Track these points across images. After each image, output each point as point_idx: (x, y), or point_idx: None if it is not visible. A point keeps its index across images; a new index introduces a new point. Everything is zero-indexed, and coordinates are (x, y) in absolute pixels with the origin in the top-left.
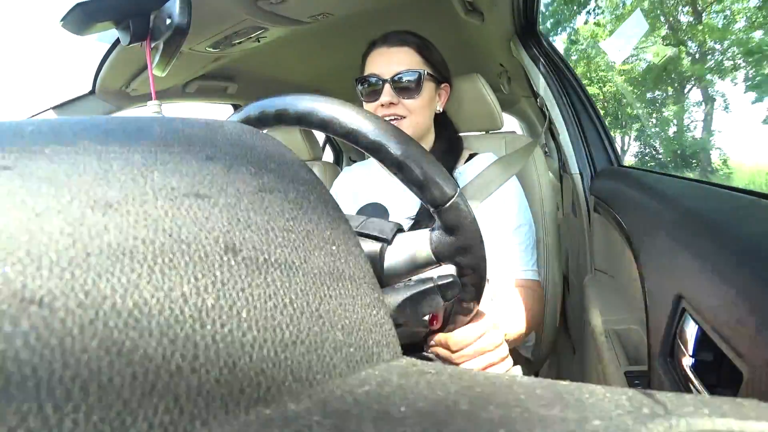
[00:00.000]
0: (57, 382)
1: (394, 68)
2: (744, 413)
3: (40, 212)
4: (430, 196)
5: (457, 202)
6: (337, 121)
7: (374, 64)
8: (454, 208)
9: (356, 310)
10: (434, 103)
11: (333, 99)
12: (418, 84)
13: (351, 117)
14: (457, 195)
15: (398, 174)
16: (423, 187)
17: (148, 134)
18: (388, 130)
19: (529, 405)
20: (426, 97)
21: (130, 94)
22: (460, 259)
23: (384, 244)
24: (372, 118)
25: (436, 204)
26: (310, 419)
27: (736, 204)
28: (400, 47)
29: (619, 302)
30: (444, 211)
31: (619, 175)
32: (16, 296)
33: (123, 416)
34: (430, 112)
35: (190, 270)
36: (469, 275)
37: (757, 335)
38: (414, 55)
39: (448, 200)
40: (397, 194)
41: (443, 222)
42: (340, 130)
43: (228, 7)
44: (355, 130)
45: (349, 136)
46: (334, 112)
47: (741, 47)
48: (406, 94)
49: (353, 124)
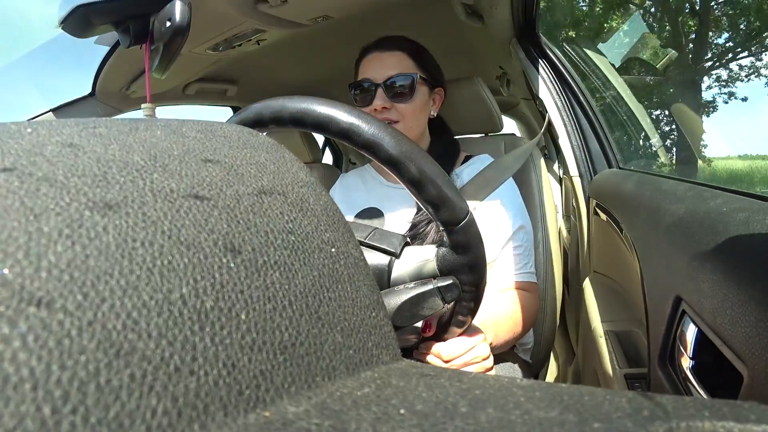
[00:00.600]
0: (55, 383)
1: (387, 72)
2: (744, 416)
3: (39, 213)
4: (443, 216)
5: (469, 224)
6: (356, 132)
7: (367, 69)
8: (465, 230)
9: (355, 312)
10: (428, 108)
11: (355, 108)
12: (411, 88)
13: (372, 129)
14: (469, 217)
15: (413, 191)
16: (437, 207)
17: (147, 136)
18: (409, 147)
19: (528, 407)
20: (419, 101)
21: (130, 96)
22: (463, 277)
23: (393, 258)
24: (393, 133)
25: (447, 224)
26: (310, 421)
27: (736, 206)
28: (393, 52)
29: (619, 304)
30: (455, 231)
31: (619, 177)
32: (15, 297)
33: (121, 418)
34: (423, 117)
35: (189, 272)
36: (469, 291)
37: (757, 337)
38: (406, 60)
39: (460, 221)
40: (393, 200)
41: (452, 242)
42: (360, 141)
43: (228, 9)
44: (376, 143)
45: (368, 149)
46: (354, 121)
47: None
48: (399, 99)
49: (375, 136)
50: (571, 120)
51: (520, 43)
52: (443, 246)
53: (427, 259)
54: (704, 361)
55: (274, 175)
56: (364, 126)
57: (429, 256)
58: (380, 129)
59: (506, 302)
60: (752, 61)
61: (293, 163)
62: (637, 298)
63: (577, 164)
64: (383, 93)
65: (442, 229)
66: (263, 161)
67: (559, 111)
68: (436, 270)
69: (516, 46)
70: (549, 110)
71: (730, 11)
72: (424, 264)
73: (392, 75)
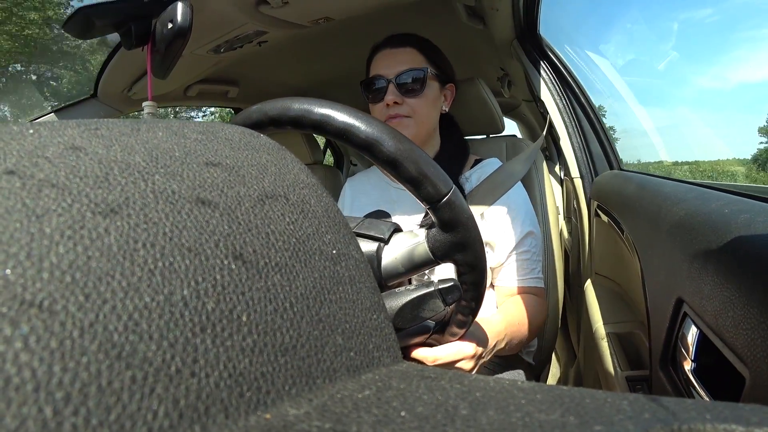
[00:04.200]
0: (56, 385)
1: (398, 68)
2: (746, 418)
3: (41, 215)
4: (425, 193)
5: (452, 199)
6: (329, 121)
7: (378, 65)
8: (450, 205)
9: (356, 314)
10: (439, 103)
11: (325, 100)
12: (422, 83)
13: (343, 116)
14: (452, 191)
15: (392, 172)
16: (417, 184)
17: (149, 137)
18: (381, 128)
19: (529, 410)
20: (430, 96)
21: (131, 97)
22: (457, 257)
23: (381, 244)
24: (363, 117)
25: (431, 201)
26: (310, 423)
27: (738, 208)
28: (404, 48)
29: (620, 306)
30: (439, 207)
31: (620, 179)
32: (17, 299)
33: (122, 420)
34: (435, 112)
35: (190, 274)
36: (468, 273)
37: (759, 339)
38: (417, 55)
39: (443, 197)
40: (400, 201)
41: (439, 219)
42: (332, 130)
43: (229, 11)
44: (347, 129)
45: (341, 135)
46: (325, 112)
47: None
48: (410, 93)
49: (345, 123)
50: (572, 121)
51: (522, 45)
52: (432, 227)
53: (417, 242)
54: (706, 363)
55: (275, 176)
56: (335, 115)
57: (419, 239)
58: (351, 115)
59: (516, 307)
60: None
61: (294, 164)
62: (638, 300)
63: (579, 166)
64: (395, 88)
65: (427, 207)
66: (264, 163)
67: (560, 112)
68: (428, 253)
69: (517, 48)
70: (550, 111)
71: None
72: (414, 247)
73: (403, 70)
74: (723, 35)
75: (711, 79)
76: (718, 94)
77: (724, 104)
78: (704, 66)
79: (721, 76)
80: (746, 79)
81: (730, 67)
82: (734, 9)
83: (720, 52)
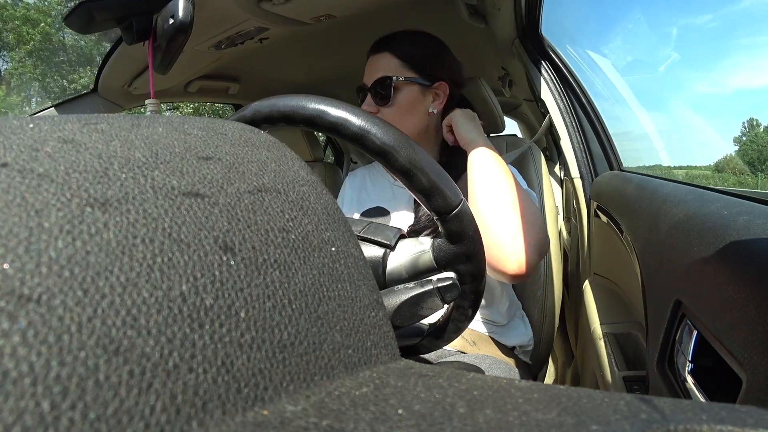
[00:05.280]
0: (54, 379)
1: (373, 76)
2: (742, 420)
3: (40, 209)
4: (435, 204)
5: (461, 212)
6: (345, 124)
7: (364, 72)
8: (459, 218)
9: (355, 311)
10: (421, 107)
11: (344, 103)
12: (388, 91)
13: (359, 121)
14: (462, 204)
15: (404, 181)
16: (428, 196)
17: (149, 133)
18: (397, 136)
19: (526, 409)
20: (404, 102)
21: (132, 93)
22: (460, 267)
23: (387, 250)
24: (380, 124)
25: (440, 213)
26: (308, 420)
27: (737, 210)
28: (381, 54)
29: (619, 306)
30: (448, 220)
31: (620, 180)
32: (14, 293)
33: (119, 415)
34: (414, 117)
35: (188, 269)
36: (469, 283)
37: (756, 342)
38: (391, 60)
39: (453, 209)
40: (399, 199)
41: (446, 230)
42: (348, 133)
43: (231, 7)
44: (363, 135)
45: (356, 139)
46: (342, 115)
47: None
48: (382, 102)
49: (361, 128)
50: (572, 121)
51: (523, 44)
52: (438, 236)
53: (423, 251)
54: (703, 364)
55: (275, 173)
56: (352, 119)
57: (424, 248)
58: (368, 121)
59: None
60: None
61: (294, 161)
62: (636, 301)
63: (579, 166)
64: (371, 97)
65: (436, 218)
66: (264, 159)
67: (560, 112)
68: (432, 261)
69: (519, 47)
70: (551, 111)
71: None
72: (419, 255)
73: (376, 78)
74: (721, 41)
75: (709, 84)
76: (716, 98)
77: (721, 109)
78: (703, 72)
79: (719, 81)
80: (744, 84)
81: (729, 72)
82: (734, 15)
83: (718, 58)
